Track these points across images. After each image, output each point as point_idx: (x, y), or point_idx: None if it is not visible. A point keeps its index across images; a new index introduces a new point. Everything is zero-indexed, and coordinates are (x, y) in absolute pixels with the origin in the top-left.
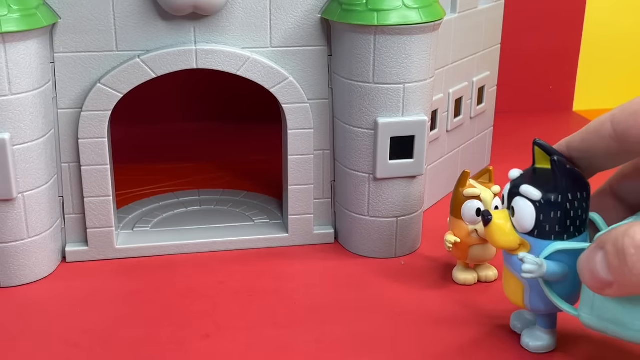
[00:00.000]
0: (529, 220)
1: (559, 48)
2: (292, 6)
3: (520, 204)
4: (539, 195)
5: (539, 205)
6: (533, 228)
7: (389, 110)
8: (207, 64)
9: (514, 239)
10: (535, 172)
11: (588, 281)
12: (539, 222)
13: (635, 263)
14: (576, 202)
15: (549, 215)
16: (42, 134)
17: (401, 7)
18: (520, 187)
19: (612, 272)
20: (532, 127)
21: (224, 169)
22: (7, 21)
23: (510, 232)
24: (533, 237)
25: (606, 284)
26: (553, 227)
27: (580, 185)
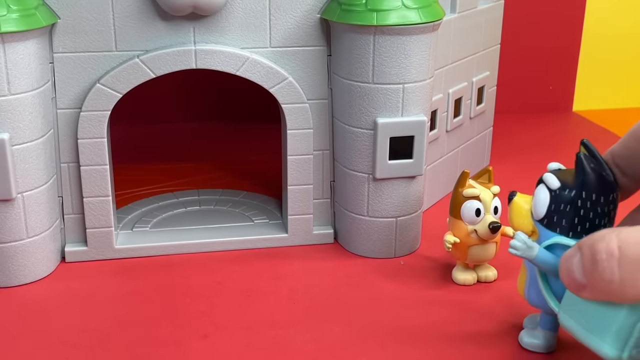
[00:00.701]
0: (542, 207)
1: (559, 48)
2: (291, 6)
3: (539, 189)
4: (557, 185)
5: (554, 194)
6: (544, 216)
7: (388, 111)
8: (207, 64)
9: (527, 223)
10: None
11: (565, 280)
12: (550, 212)
13: (605, 269)
14: (589, 203)
15: (559, 207)
16: (41, 134)
17: (400, 7)
18: (545, 174)
19: (585, 275)
20: (531, 128)
21: (224, 169)
22: (6, 21)
23: (526, 216)
24: (542, 225)
25: (580, 286)
26: (560, 220)
27: (603, 190)
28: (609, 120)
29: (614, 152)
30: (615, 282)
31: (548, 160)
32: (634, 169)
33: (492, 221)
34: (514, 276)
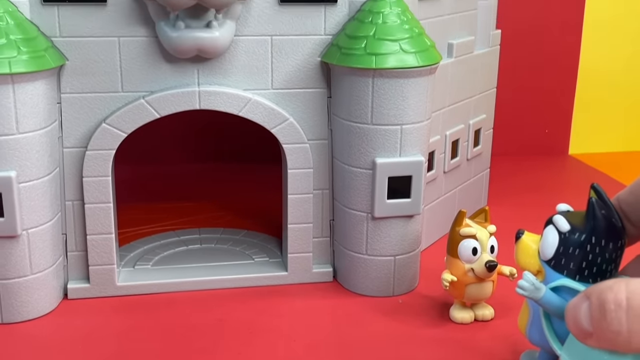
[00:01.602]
0: (550, 248)
1: (554, 92)
2: (292, 50)
3: (548, 230)
4: (567, 228)
5: (563, 237)
6: (552, 257)
7: (386, 151)
8: (210, 104)
9: (534, 262)
10: (581, 212)
11: (571, 327)
12: (558, 253)
13: (613, 319)
14: (598, 249)
15: (568, 249)
16: (47, 172)
17: (398, 51)
18: (554, 216)
19: (592, 324)
20: (528, 170)
21: (225, 208)
22: (16, 62)
23: (533, 255)
24: (549, 266)
25: (587, 334)
26: (568, 263)
27: (612, 236)
28: (605, 163)
29: (621, 199)
30: (623, 333)
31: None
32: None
33: (489, 260)
34: (511, 315)
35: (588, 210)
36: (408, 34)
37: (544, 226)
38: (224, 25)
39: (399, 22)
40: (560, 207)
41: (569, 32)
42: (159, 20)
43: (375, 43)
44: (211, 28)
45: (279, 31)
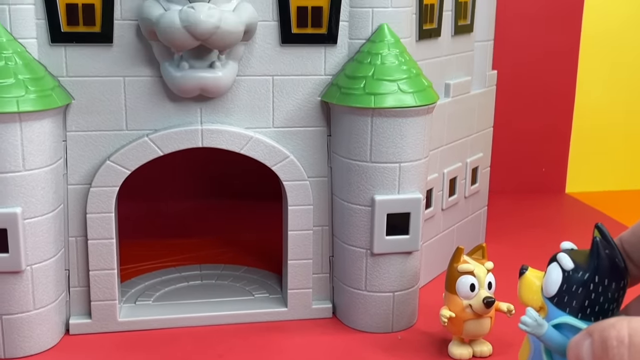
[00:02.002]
0: (554, 285)
1: (550, 132)
2: (293, 89)
3: (552, 268)
4: (570, 266)
5: (567, 275)
6: (555, 294)
7: (385, 188)
8: (212, 142)
9: (537, 298)
10: (585, 251)
11: None
12: (561, 291)
13: (615, 356)
14: (601, 288)
15: (571, 287)
16: (52, 209)
17: (397, 91)
18: (558, 254)
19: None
20: (525, 209)
21: (226, 245)
22: (24, 101)
23: (536, 291)
24: (551, 303)
25: None
26: (571, 301)
27: (615, 276)
28: (601, 202)
29: (623, 239)
30: None
31: (542, 241)
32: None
33: (487, 296)
34: (509, 351)
35: (592, 250)
36: (406, 74)
37: (547, 263)
38: (227, 65)
39: (397, 63)
40: (565, 245)
41: (564, 72)
42: (163, 60)
43: (374, 83)
44: (214, 68)
45: (280, 71)
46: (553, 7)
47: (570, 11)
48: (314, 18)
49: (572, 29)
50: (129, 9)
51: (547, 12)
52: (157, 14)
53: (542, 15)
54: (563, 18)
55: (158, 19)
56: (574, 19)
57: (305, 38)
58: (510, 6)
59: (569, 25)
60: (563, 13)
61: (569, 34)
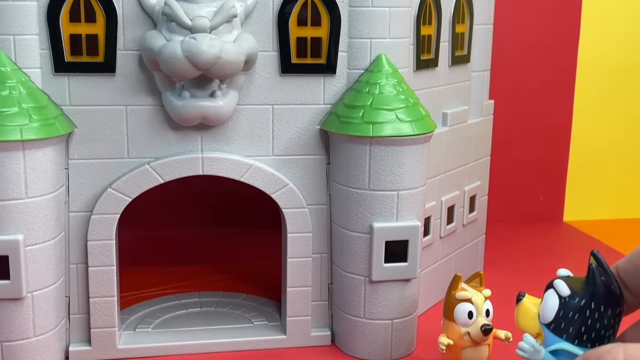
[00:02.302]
0: (550, 312)
1: (548, 161)
2: (293, 118)
3: (548, 294)
4: (567, 292)
5: (563, 301)
6: (551, 321)
7: (383, 216)
8: (213, 170)
9: (534, 325)
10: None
11: None
12: (557, 317)
13: None
14: (597, 314)
15: (567, 314)
16: (53, 236)
17: (395, 120)
18: (555, 281)
19: None
20: (523, 237)
21: (225, 272)
22: (27, 130)
23: (533, 318)
24: (548, 330)
25: None
26: (567, 327)
27: (611, 303)
28: (599, 230)
29: (619, 267)
30: None
31: (539, 269)
32: (638, 285)
33: (484, 324)
34: None
35: (588, 276)
36: (404, 103)
37: (544, 290)
38: (228, 94)
39: (395, 93)
40: (561, 272)
41: (560, 102)
42: (165, 89)
43: (372, 112)
44: (215, 97)
45: (280, 100)
46: (548, 38)
47: (565, 41)
48: (313, 48)
49: (568, 58)
50: (131, 39)
51: (542, 43)
52: (159, 45)
53: (537, 46)
54: (559, 48)
55: (160, 49)
56: (569, 49)
57: (304, 68)
58: (506, 37)
59: (564, 55)
60: (558, 43)
61: (564, 63)
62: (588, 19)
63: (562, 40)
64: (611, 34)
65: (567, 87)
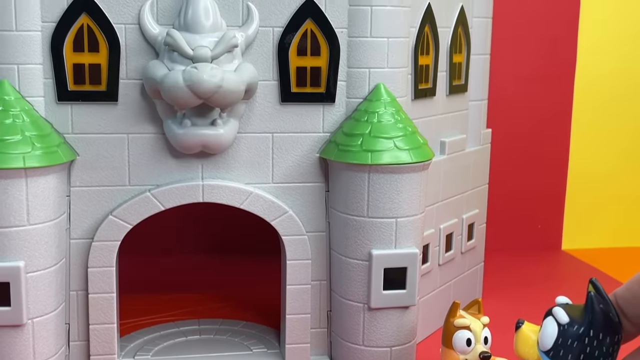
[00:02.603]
0: (549, 339)
1: (545, 189)
2: (292, 146)
3: (547, 322)
4: (566, 320)
5: (562, 329)
6: (550, 348)
7: (382, 243)
8: (213, 197)
9: (533, 352)
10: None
11: None
12: (556, 345)
13: None
14: (596, 342)
15: (566, 341)
16: (54, 263)
17: (393, 148)
18: (554, 308)
19: None
20: (522, 265)
21: (224, 300)
22: (30, 157)
23: (532, 345)
24: (547, 357)
25: None
26: (566, 355)
27: (609, 331)
28: (598, 259)
29: (618, 295)
30: None
31: (538, 297)
32: (636, 312)
33: (483, 351)
34: None
35: (587, 304)
36: (402, 132)
37: (543, 317)
38: (228, 123)
39: (393, 121)
40: (560, 299)
41: (558, 131)
42: (166, 118)
43: (370, 140)
44: (216, 126)
45: (280, 129)
46: (545, 68)
47: (562, 71)
48: (312, 78)
49: (565, 88)
50: (134, 68)
51: (539, 73)
52: (161, 74)
53: (534, 76)
54: (555, 78)
55: (162, 79)
56: (566, 79)
57: (304, 97)
58: (503, 67)
59: (561, 84)
60: (555, 73)
61: (561, 93)
62: (584, 50)
63: (558, 70)
64: (607, 65)
65: (564, 116)
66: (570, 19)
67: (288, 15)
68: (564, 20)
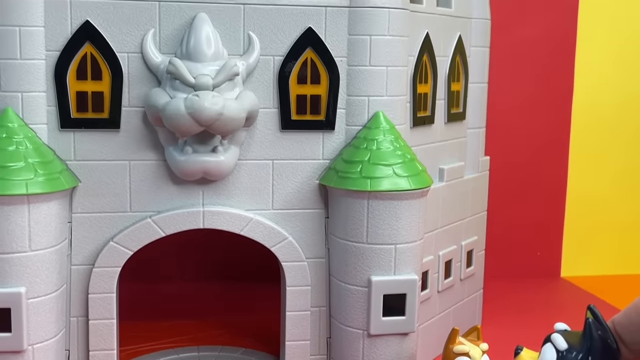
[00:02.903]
0: None
1: (544, 216)
2: (292, 173)
3: (546, 348)
4: (564, 347)
5: (561, 355)
6: None
7: (381, 269)
8: (213, 224)
9: None
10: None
11: None
12: None
13: None
14: None
15: None
16: (55, 289)
17: (392, 175)
18: (552, 334)
19: None
20: (521, 292)
21: (224, 327)
22: (32, 184)
23: None
24: None
25: None
26: None
27: (607, 357)
28: (597, 286)
29: (615, 321)
30: None
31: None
32: (633, 339)
33: None
34: None
35: (585, 331)
36: (401, 159)
37: (542, 344)
38: (229, 150)
39: (392, 149)
40: (558, 326)
41: (556, 158)
42: (168, 145)
43: (370, 167)
44: (217, 153)
45: (280, 156)
46: (542, 97)
47: (559, 100)
48: (312, 106)
49: (562, 116)
50: (136, 96)
51: (536, 101)
52: (163, 102)
53: (532, 104)
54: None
55: (164, 106)
56: (563, 107)
57: (304, 124)
58: (500, 96)
59: (559, 113)
60: (552, 102)
61: (559, 121)
62: (581, 77)
63: (556, 99)
64: (604, 92)
65: (561, 143)
66: (567, 46)
67: (288, 44)
68: (560, 48)
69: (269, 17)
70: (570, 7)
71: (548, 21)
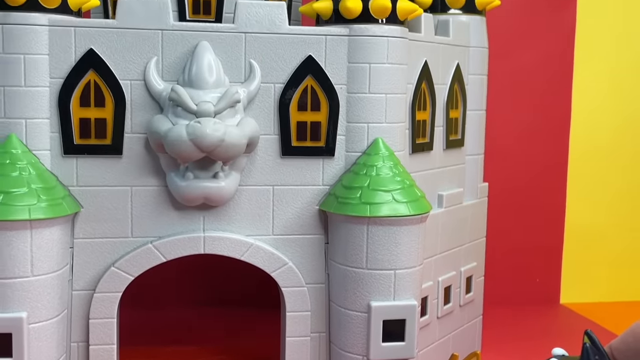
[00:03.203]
0: None
1: (543, 243)
2: (292, 199)
3: None
4: None
5: None
6: None
7: (381, 295)
8: (214, 249)
9: None
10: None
11: None
12: None
13: None
14: None
15: None
16: (56, 314)
17: (391, 200)
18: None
19: None
20: (520, 319)
21: (224, 352)
22: (35, 209)
23: None
24: None
25: None
26: None
27: None
28: (596, 313)
29: (613, 346)
30: None
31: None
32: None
33: None
34: None
35: (582, 356)
36: (400, 185)
37: None
38: (230, 176)
39: (391, 175)
40: (556, 351)
41: (555, 185)
42: (169, 171)
43: (369, 193)
44: (217, 179)
45: (280, 182)
46: (540, 123)
47: (557, 126)
48: (312, 132)
49: (560, 143)
50: (138, 123)
51: (534, 128)
52: (165, 128)
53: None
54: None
55: (166, 133)
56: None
57: (304, 151)
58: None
59: (556, 139)
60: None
61: (557, 148)
62: (579, 104)
63: (553, 125)
64: (602, 119)
65: (559, 169)
66: (564, 74)
67: (289, 71)
68: (557, 76)
69: (269, 45)
70: (567, 35)
71: (545, 49)
